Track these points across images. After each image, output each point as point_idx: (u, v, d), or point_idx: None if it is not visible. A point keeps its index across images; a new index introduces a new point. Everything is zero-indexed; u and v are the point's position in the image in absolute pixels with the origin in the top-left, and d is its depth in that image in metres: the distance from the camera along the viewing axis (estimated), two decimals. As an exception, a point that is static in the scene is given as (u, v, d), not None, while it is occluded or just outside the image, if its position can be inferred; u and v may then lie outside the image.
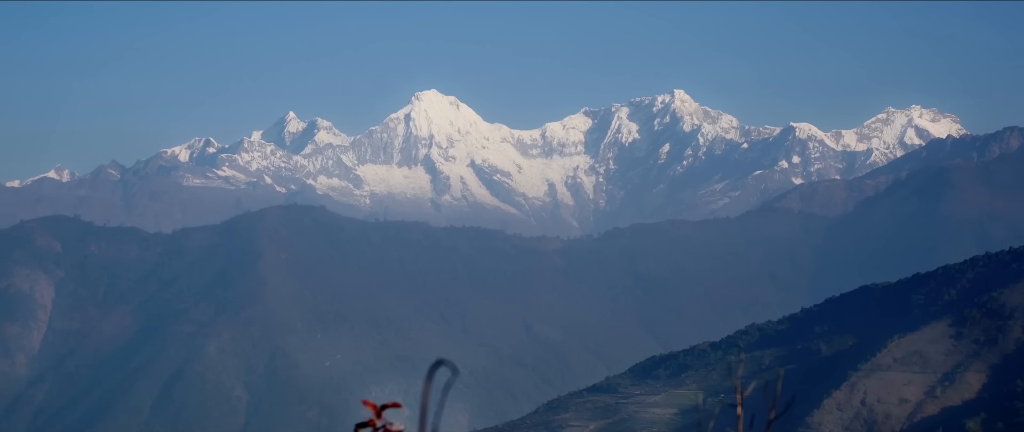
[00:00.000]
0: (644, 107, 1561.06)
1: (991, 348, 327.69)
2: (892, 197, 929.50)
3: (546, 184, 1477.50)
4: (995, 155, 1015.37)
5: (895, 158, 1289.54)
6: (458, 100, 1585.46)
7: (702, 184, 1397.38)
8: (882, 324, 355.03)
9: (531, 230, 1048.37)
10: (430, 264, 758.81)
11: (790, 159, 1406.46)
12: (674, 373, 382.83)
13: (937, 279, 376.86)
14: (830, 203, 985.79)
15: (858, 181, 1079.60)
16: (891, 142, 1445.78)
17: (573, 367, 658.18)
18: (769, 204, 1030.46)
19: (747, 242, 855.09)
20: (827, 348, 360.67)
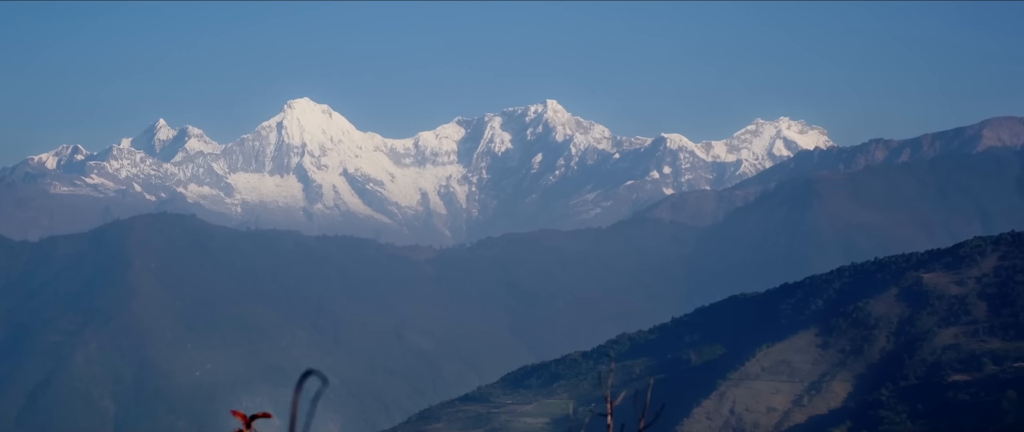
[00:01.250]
0: (517, 117, 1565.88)
1: (857, 357, 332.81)
2: (761, 208, 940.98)
3: (419, 193, 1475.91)
4: (861, 167, 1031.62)
5: (764, 169, 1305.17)
6: (331, 108, 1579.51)
7: (574, 194, 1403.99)
8: (751, 333, 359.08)
9: (404, 239, 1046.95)
10: (302, 273, 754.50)
11: (661, 170, 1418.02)
12: (546, 382, 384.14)
13: (804, 289, 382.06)
14: (700, 213, 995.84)
15: (728, 192, 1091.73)
16: (760, 153, 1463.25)
17: (445, 377, 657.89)
18: (640, 214, 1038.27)
19: (618, 252, 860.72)
20: (697, 357, 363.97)
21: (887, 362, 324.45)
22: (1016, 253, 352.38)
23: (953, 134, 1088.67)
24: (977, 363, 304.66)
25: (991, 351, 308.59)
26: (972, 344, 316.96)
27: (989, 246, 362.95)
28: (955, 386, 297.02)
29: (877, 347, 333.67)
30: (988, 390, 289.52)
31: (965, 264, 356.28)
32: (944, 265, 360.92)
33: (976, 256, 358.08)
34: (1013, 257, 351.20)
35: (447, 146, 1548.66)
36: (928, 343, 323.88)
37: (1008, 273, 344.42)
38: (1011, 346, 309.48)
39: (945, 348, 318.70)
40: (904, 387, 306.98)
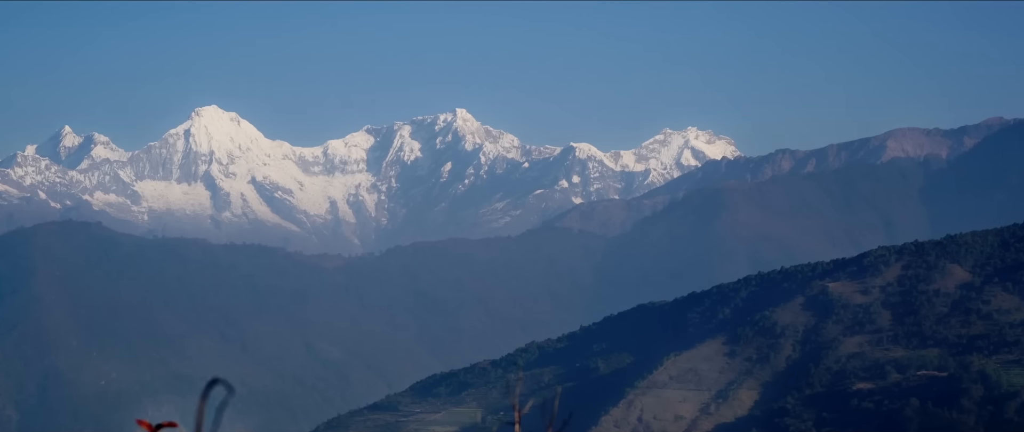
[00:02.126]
0: (426, 125, 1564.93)
1: (763, 366, 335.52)
2: (669, 217, 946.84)
3: (328, 202, 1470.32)
4: (768, 177, 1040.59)
5: (672, 179, 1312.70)
6: (239, 116, 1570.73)
7: (483, 203, 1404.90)
8: (658, 342, 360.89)
9: (312, 248, 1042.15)
10: (209, 281, 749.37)
11: (570, 179, 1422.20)
12: (454, 391, 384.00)
13: (712, 298, 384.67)
14: (609, 222, 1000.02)
15: (636, 201, 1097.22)
16: (668, 163, 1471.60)
17: (354, 385, 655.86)
18: (549, 223, 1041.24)
19: (527, 261, 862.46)
20: (605, 366, 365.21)
21: (793, 370, 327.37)
22: (919, 262, 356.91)
23: (858, 145, 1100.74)
24: (881, 371, 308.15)
25: (895, 359, 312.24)
26: (876, 353, 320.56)
27: (893, 255, 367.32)
28: (859, 394, 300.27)
29: (783, 355, 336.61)
30: (892, 398, 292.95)
31: (869, 273, 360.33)
32: (849, 274, 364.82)
33: (880, 265, 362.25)
34: (916, 266, 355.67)
35: (356, 154, 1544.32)
36: (833, 352, 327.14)
37: (911, 282, 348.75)
38: (914, 354, 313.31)
39: (850, 356, 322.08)
40: (809, 395, 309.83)
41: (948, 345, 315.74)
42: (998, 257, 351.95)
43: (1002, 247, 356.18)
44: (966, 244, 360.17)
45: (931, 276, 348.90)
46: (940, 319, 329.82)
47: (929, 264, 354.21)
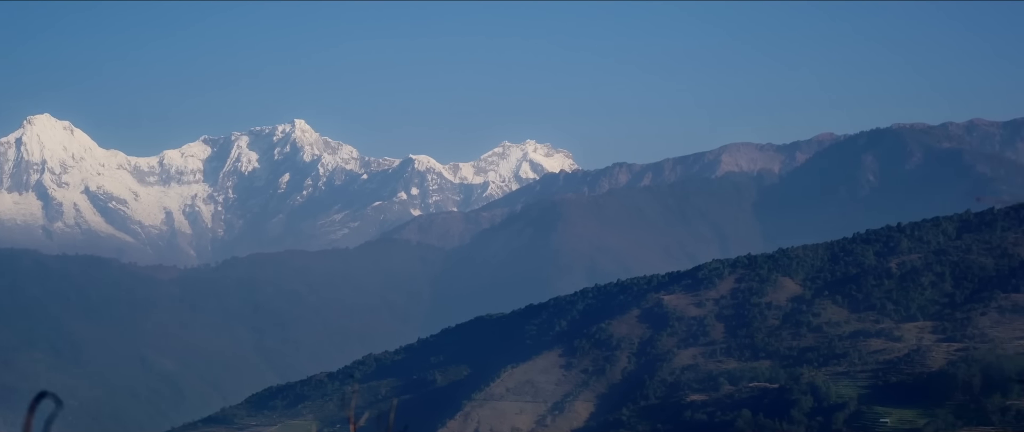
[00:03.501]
0: (265, 136, 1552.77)
1: (599, 377, 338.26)
2: (507, 229, 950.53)
3: (163, 212, 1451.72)
4: (605, 190, 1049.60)
5: (510, 191, 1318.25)
6: (72, 125, 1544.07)
7: (322, 214, 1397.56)
8: (496, 354, 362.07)
9: (147, 258, 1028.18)
10: (40, 293, 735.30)
11: (409, 191, 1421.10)
12: (291, 403, 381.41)
13: (549, 310, 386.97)
14: (447, 235, 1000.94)
15: (475, 213, 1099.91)
16: (507, 176, 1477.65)
17: (188, 398, 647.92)
18: (388, 235, 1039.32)
19: (365, 272, 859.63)
20: (442, 378, 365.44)
21: (628, 382, 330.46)
22: (752, 276, 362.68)
23: (693, 159, 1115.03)
24: (714, 383, 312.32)
25: (727, 371, 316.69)
26: (710, 364, 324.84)
27: (726, 269, 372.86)
28: (693, 406, 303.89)
29: (619, 367, 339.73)
30: (724, 409, 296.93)
31: (704, 286, 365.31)
32: (684, 287, 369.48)
33: (714, 278, 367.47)
34: (749, 279, 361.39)
35: (193, 165, 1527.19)
36: (668, 363, 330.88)
37: (744, 295, 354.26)
38: (746, 366, 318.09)
39: (684, 368, 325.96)
40: (644, 407, 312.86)
41: (779, 357, 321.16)
42: (828, 270, 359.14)
43: (832, 261, 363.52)
44: (797, 258, 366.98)
45: (763, 289, 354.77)
46: (772, 331, 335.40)
47: (761, 277, 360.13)
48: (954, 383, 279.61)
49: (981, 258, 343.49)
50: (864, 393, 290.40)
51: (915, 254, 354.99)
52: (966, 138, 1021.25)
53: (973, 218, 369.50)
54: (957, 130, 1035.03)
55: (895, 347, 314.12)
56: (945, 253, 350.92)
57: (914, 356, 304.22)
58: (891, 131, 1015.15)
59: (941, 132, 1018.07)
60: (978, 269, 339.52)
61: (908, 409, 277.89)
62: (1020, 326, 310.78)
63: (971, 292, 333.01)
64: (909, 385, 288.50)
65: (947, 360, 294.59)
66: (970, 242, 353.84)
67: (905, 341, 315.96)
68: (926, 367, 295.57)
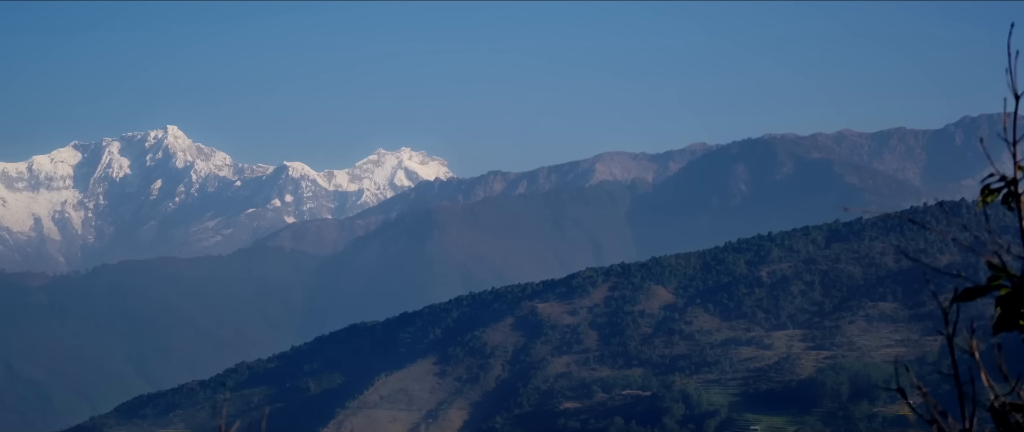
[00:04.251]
0: (136, 142, 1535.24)
1: (473, 385, 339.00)
2: (382, 237, 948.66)
3: (32, 218, 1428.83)
4: (480, 198, 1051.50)
5: (385, 199, 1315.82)
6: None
7: (194, 221, 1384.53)
8: (370, 362, 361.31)
9: (15, 265, 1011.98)
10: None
11: (283, 198, 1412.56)
12: (162, 412, 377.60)
13: (423, 318, 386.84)
14: (321, 242, 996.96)
15: (349, 221, 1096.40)
16: (382, 183, 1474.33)
17: (56, 407, 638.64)
18: (261, 242, 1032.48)
19: (239, 280, 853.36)
20: (316, 386, 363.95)
21: (502, 390, 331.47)
22: (625, 284, 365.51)
23: (568, 168, 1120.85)
24: (587, 391, 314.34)
25: (600, 379, 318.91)
26: (583, 372, 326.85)
27: (600, 277, 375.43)
28: (566, 413, 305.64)
29: (493, 375, 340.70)
30: (597, 417, 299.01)
31: (577, 294, 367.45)
32: (558, 295, 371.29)
33: (588, 287, 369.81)
34: (622, 288, 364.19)
35: (62, 170, 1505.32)
36: (542, 371, 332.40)
37: (617, 303, 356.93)
38: (619, 374, 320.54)
39: (558, 376, 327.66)
40: (518, 414, 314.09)
41: (652, 365, 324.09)
42: (700, 279, 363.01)
43: (704, 269, 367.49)
44: (670, 266, 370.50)
45: (636, 297, 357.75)
46: (644, 339, 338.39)
47: (635, 286, 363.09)
48: (822, 390, 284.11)
49: (849, 267, 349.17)
50: (735, 400, 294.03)
51: (785, 263, 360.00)
52: (835, 149, 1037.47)
53: (842, 228, 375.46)
54: (826, 141, 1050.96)
55: (765, 355, 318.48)
56: (814, 262, 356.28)
57: (784, 364, 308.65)
58: (762, 141, 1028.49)
59: (811, 143, 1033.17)
60: (846, 278, 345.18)
61: (777, 416, 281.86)
62: (887, 334, 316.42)
63: (839, 301, 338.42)
64: (779, 392, 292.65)
65: (816, 368, 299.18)
66: (839, 251, 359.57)
67: (775, 349, 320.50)
68: (795, 375, 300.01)
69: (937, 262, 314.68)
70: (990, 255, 11.37)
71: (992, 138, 12.12)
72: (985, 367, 11.21)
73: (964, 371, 11.24)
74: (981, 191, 11.63)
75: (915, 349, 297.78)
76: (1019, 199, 11.41)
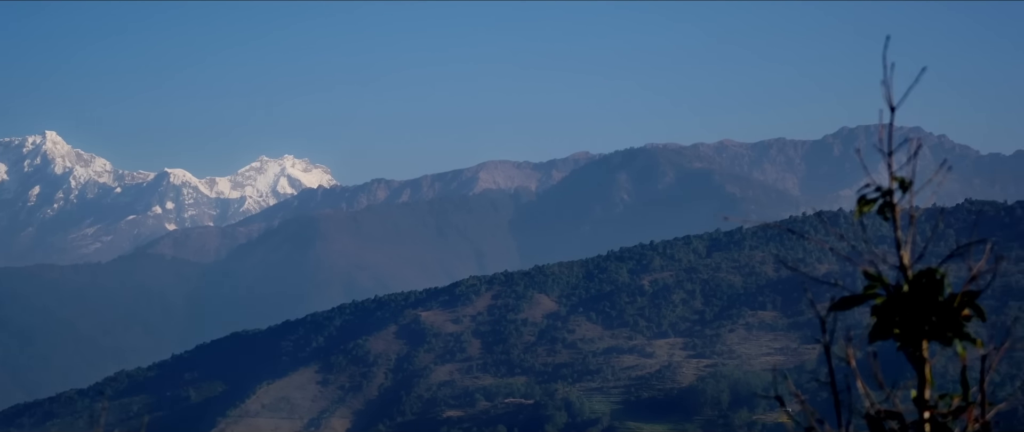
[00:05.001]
0: (14, 148, 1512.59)
1: (355, 394, 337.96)
2: (264, 245, 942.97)
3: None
4: (363, 206, 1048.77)
5: (268, 206, 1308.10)
6: None
7: (73, 228, 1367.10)
8: (251, 371, 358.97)
9: None
10: None
11: (164, 205, 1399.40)
12: (39, 421, 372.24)
13: (306, 326, 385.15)
14: (203, 250, 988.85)
15: (231, 228, 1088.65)
16: (264, 191, 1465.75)
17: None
18: (142, 249, 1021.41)
19: (118, 287, 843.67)
20: (197, 395, 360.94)
21: (385, 398, 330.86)
22: (508, 292, 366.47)
23: (451, 176, 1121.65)
24: (470, 399, 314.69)
25: (483, 387, 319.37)
26: (466, 381, 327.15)
27: (483, 285, 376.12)
28: (449, 422, 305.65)
29: (375, 383, 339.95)
30: (480, 425, 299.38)
31: (461, 302, 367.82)
32: (441, 303, 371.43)
33: (471, 295, 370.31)
34: (505, 296, 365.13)
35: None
36: (424, 379, 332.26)
37: (500, 312, 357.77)
38: (502, 382, 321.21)
39: (441, 384, 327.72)
40: (401, 423, 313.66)
41: (535, 373, 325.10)
42: (582, 287, 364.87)
43: (586, 278, 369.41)
44: (553, 275, 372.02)
45: (519, 306, 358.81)
46: (527, 348, 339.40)
47: (518, 294, 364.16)
48: (703, 398, 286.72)
49: (730, 276, 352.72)
50: (617, 408, 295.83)
51: (667, 272, 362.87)
52: (716, 158, 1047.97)
53: (722, 237, 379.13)
54: (708, 151, 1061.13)
55: (647, 363, 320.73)
56: (696, 271, 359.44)
57: (665, 372, 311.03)
58: (644, 150, 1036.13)
59: (692, 152, 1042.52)
60: (727, 287, 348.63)
61: (659, 424, 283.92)
62: (766, 342, 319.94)
63: (720, 309, 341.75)
64: (660, 400, 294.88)
65: (697, 376, 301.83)
66: (719, 260, 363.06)
67: (656, 357, 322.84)
68: (676, 383, 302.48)
69: (816, 271, 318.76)
70: (866, 265, 11.68)
71: (869, 149, 12.24)
72: (861, 375, 11.45)
73: (841, 379, 11.46)
74: (858, 201, 11.87)
75: (794, 357, 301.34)
76: (895, 209, 11.76)
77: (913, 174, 11.54)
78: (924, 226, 10.95)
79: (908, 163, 11.56)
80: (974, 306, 11.04)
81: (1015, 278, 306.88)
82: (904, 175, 11.50)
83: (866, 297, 11.14)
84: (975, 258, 11.53)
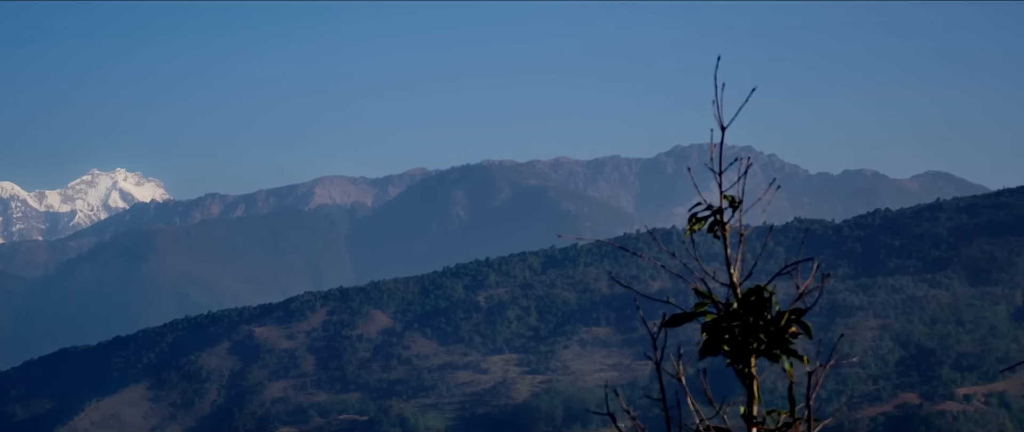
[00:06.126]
0: None
1: (188, 410, 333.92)
2: (95, 260, 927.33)
3: None
4: (197, 221, 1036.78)
5: (99, 220, 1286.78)
6: None
7: None
8: (81, 387, 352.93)
9: None
10: None
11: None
12: None
13: (137, 342, 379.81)
14: (31, 264, 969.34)
15: (61, 242, 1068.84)
16: (95, 204, 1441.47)
17: None
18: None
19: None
20: (23, 411, 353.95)
21: (218, 414, 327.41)
22: (343, 308, 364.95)
23: (287, 191, 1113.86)
24: (304, 415, 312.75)
25: (318, 403, 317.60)
26: (300, 397, 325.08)
27: (318, 301, 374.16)
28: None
29: (208, 400, 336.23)
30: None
31: (295, 318, 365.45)
32: (275, 319, 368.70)
33: (306, 311, 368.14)
34: (341, 312, 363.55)
35: None
36: (258, 396, 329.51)
37: (335, 328, 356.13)
38: (336, 399, 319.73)
39: (274, 401, 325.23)
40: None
41: (369, 389, 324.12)
42: (418, 303, 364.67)
43: (422, 294, 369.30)
44: (389, 291, 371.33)
45: (354, 322, 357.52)
46: (362, 364, 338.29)
47: (353, 310, 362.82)
48: (537, 414, 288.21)
49: (564, 293, 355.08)
50: (451, 424, 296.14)
51: (502, 288, 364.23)
52: (552, 175, 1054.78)
53: (557, 254, 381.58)
54: (543, 168, 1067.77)
55: (482, 379, 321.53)
56: (531, 287, 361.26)
57: (500, 388, 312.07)
58: (481, 167, 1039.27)
59: (528, 169, 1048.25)
60: (561, 303, 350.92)
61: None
62: (600, 358, 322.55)
63: (555, 325, 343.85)
64: (495, 416, 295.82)
65: (531, 392, 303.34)
66: (554, 277, 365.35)
67: (491, 373, 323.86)
68: (511, 399, 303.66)
69: (649, 288, 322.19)
70: (698, 282, 11.44)
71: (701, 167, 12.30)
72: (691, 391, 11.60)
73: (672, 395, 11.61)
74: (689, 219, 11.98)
75: (627, 373, 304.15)
76: (725, 227, 11.45)
77: (743, 193, 11.54)
78: (754, 244, 11.12)
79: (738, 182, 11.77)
80: (801, 323, 11.25)
81: (842, 296, 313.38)
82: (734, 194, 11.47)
83: (697, 314, 11.29)
84: (803, 276, 11.76)
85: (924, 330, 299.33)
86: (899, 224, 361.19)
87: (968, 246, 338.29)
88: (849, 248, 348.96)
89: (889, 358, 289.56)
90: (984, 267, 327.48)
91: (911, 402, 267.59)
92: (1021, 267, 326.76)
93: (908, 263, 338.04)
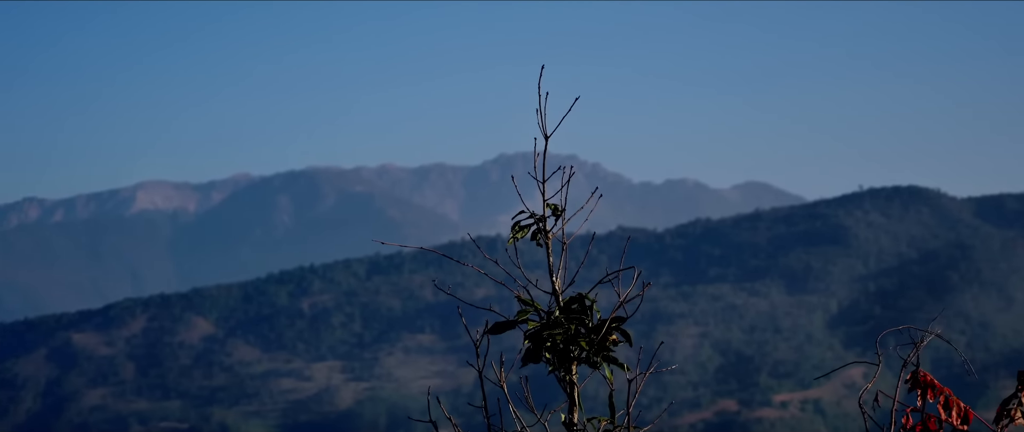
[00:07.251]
0: None
1: (2, 419, 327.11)
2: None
3: None
4: (13, 225, 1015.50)
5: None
6: None
7: None
8: None
9: None
10: None
11: None
12: None
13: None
14: None
15: None
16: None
17: None
18: None
19: None
20: None
21: (33, 423, 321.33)
22: (164, 314, 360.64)
23: (107, 195, 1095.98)
24: (123, 423, 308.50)
25: (137, 411, 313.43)
26: (119, 405, 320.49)
27: (139, 307, 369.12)
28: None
29: (23, 408, 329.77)
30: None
31: (115, 325, 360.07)
32: (95, 326, 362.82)
33: (126, 317, 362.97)
34: (161, 318, 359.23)
35: None
36: (76, 404, 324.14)
37: (156, 334, 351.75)
38: (157, 406, 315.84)
39: (92, 408, 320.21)
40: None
41: (190, 397, 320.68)
42: (241, 310, 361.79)
43: (245, 300, 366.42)
44: (211, 297, 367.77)
45: (176, 328, 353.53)
46: (183, 371, 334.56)
47: (175, 316, 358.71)
48: (361, 422, 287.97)
49: (389, 300, 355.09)
50: (274, 431, 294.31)
51: (327, 295, 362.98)
52: (377, 182, 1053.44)
53: (382, 261, 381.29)
54: (369, 174, 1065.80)
55: (305, 386, 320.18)
56: (355, 294, 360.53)
57: (323, 395, 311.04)
58: (306, 173, 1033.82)
59: (354, 176, 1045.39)
60: (386, 310, 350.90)
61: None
62: (424, 366, 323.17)
63: (379, 332, 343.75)
64: (318, 424, 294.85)
65: (355, 399, 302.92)
66: (379, 284, 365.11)
67: (315, 381, 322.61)
68: (335, 406, 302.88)
69: (473, 296, 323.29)
70: (520, 290, 11.54)
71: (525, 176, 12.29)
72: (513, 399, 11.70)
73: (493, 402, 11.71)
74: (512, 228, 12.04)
75: (451, 381, 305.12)
76: (547, 236, 11.59)
77: (566, 201, 11.55)
78: (577, 252, 11.22)
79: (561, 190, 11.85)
80: (622, 331, 11.27)
81: (663, 304, 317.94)
82: (557, 202, 11.54)
83: (519, 322, 11.29)
84: (624, 284, 11.36)
85: (743, 337, 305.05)
86: (719, 233, 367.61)
87: (785, 255, 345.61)
88: (670, 257, 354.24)
89: (709, 365, 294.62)
90: (801, 276, 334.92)
91: (730, 409, 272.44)
92: (837, 276, 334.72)
93: (728, 271, 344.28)
